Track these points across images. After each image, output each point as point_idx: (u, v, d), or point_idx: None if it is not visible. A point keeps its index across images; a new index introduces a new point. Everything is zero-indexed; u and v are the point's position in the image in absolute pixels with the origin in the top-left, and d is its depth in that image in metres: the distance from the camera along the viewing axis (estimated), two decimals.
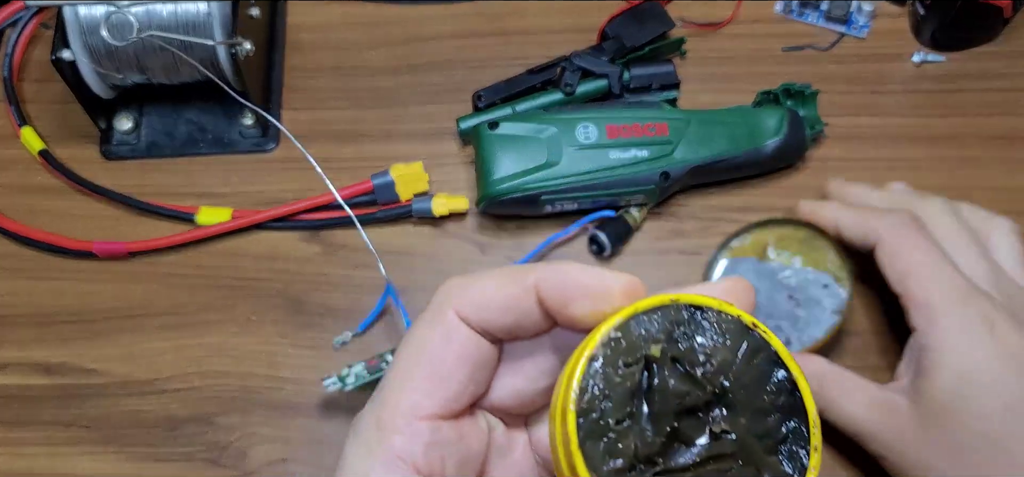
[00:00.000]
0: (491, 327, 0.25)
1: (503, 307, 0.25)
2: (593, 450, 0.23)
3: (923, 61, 0.59)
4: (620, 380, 0.23)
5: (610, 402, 0.23)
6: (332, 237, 0.54)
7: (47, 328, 0.51)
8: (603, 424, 0.23)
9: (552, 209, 0.52)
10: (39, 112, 0.58)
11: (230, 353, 0.50)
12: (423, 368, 0.25)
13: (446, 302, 0.25)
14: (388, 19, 0.62)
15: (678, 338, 0.24)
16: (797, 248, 0.51)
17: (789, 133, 0.53)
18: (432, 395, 0.25)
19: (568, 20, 0.61)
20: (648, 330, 0.24)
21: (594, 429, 0.23)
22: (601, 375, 0.23)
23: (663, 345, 0.24)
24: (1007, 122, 0.57)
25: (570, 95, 0.55)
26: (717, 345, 0.24)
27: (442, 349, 0.25)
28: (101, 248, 0.52)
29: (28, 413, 0.49)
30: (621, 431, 0.23)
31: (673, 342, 0.24)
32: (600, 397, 0.23)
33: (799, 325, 0.49)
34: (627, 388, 0.23)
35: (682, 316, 0.24)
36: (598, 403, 0.23)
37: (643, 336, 0.24)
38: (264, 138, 0.57)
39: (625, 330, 0.24)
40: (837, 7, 0.61)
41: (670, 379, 0.23)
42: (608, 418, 0.23)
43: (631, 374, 0.23)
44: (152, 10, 0.50)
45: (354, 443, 0.25)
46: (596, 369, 0.23)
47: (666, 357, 0.24)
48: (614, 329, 0.24)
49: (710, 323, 0.24)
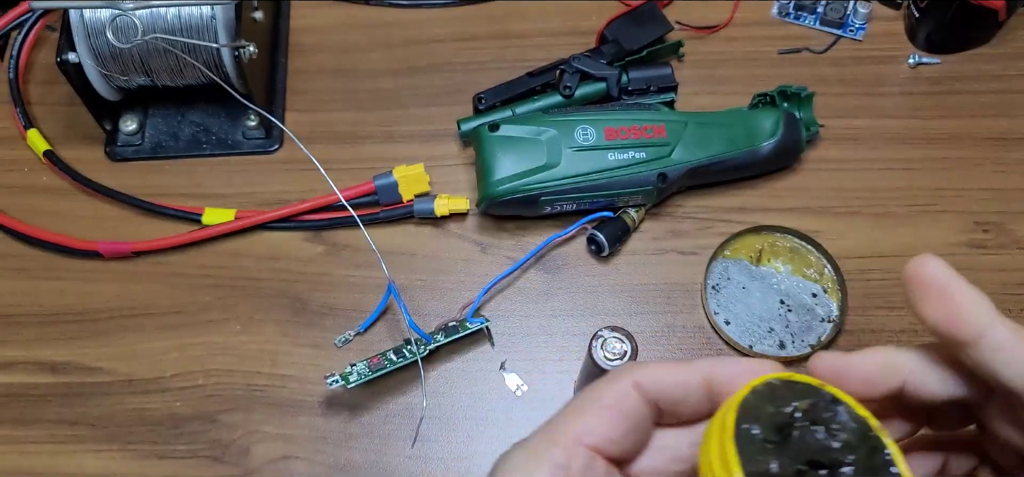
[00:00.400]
0: (660, 398, 0.29)
1: (676, 383, 0.29)
2: (743, 451, 0.27)
3: (918, 63, 0.60)
4: (771, 412, 0.28)
5: (759, 427, 0.27)
6: (334, 237, 0.54)
7: (52, 327, 0.52)
8: (751, 436, 0.27)
9: (551, 210, 0.52)
10: (44, 114, 0.59)
11: (233, 352, 0.51)
12: (595, 408, 0.29)
13: (628, 371, 0.29)
14: (389, 22, 0.63)
15: (820, 409, 0.28)
16: (787, 257, 0.52)
17: (785, 135, 0.53)
18: (597, 431, 0.29)
19: (567, 23, 0.62)
20: (796, 393, 0.28)
21: (744, 437, 0.27)
22: (756, 404, 0.28)
23: (812, 401, 0.28)
24: (1001, 123, 0.57)
25: (569, 97, 0.55)
26: (847, 429, 0.28)
27: (615, 400, 0.29)
28: (106, 248, 0.53)
29: (33, 411, 0.49)
30: (764, 450, 0.27)
31: (816, 409, 0.28)
32: (752, 418, 0.27)
33: (791, 329, 0.50)
34: (775, 422, 0.28)
35: (825, 397, 0.28)
36: (751, 421, 0.27)
37: (794, 394, 0.28)
38: (267, 140, 0.58)
39: (778, 384, 0.28)
40: (833, 10, 0.61)
41: (808, 433, 0.27)
42: (757, 436, 0.27)
43: (781, 413, 0.28)
44: (157, 13, 0.50)
45: (522, 453, 0.30)
46: (752, 399, 0.28)
47: (810, 414, 0.28)
48: (772, 379, 0.29)
49: (845, 412, 0.28)
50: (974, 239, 0.53)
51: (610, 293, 0.52)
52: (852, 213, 0.54)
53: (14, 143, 0.58)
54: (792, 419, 0.28)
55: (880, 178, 0.55)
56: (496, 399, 0.49)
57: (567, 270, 0.53)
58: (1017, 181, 0.55)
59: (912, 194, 0.55)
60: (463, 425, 0.48)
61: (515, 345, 0.51)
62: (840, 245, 0.52)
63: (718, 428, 0.28)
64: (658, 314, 0.51)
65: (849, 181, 0.55)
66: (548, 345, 0.51)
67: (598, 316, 0.51)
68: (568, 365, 0.50)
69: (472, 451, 0.48)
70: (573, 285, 0.52)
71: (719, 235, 0.53)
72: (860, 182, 0.55)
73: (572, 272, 0.53)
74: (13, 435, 0.48)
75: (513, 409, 0.49)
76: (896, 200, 0.54)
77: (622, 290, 0.52)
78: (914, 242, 0.53)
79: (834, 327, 0.49)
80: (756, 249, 0.53)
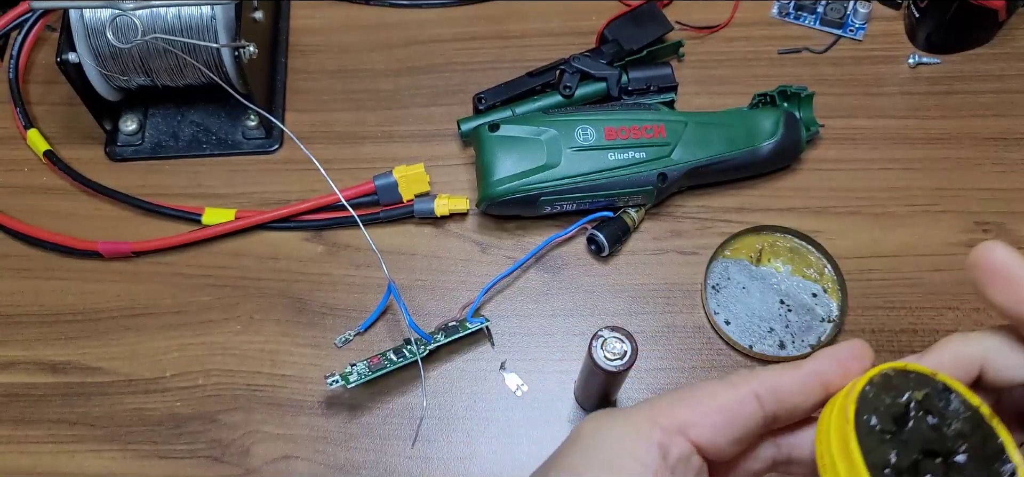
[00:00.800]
0: (779, 409, 0.29)
1: (795, 391, 0.30)
2: (863, 442, 0.28)
3: (918, 63, 0.60)
4: (888, 403, 0.29)
5: (876, 417, 0.29)
6: (334, 237, 0.54)
7: (52, 327, 0.52)
8: (870, 427, 0.29)
9: (551, 210, 0.52)
10: (45, 114, 0.59)
11: (233, 352, 0.51)
12: (709, 405, 0.29)
13: (749, 380, 0.29)
14: (389, 22, 0.63)
15: (934, 398, 0.29)
16: (787, 257, 0.52)
17: (785, 135, 0.53)
18: (704, 428, 0.29)
19: (567, 23, 0.62)
20: (911, 383, 0.30)
21: (864, 428, 0.28)
22: (874, 395, 0.29)
23: (926, 391, 0.29)
24: (1001, 123, 0.57)
25: (569, 97, 0.55)
26: (960, 417, 0.29)
27: (733, 406, 0.29)
28: (106, 248, 0.53)
29: (34, 411, 0.49)
30: (883, 440, 0.28)
31: (930, 399, 0.29)
32: (870, 409, 0.29)
33: (791, 329, 0.50)
34: (892, 412, 0.29)
35: (937, 386, 0.29)
36: (870, 412, 0.29)
37: (909, 384, 0.30)
38: (268, 140, 0.58)
39: (893, 374, 0.30)
40: (833, 10, 0.61)
41: (922, 423, 0.29)
42: (875, 427, 0.29)
43: (897, 403, 0.29)
44: (157, 13, 0.50)
45: (621, 423, 0.29)
46: (870, 389, 0.29)
47: (925, 404, 0.29)
48: (887, 369, 0.30)
49: (958, 400, 0.29)
50: (974, 239, 0.53)
51: (610, 293, 0.52)
52: (852, 213, 0.54)
53: (14, 143, 0.58)
54: (908, 409, 0.30)
55: (880, 178, 0.55)
56: (496, 399, 0.49)
57: (567, 270, 0.53)
58: (1017, 181, 0.55)
59: (912, 194, 0.55)
60: (463, 425, 0.48)
61: (515, 345, 0.51)
62: (840, 245, 0.52)
63: (838, 419, 0.29)
64: (658, 314, 0.51)
65: (849, 181, 0.55)
66: (548, 345, 0.51)
67: (598, 316, 0.51)
68: (568, 365, 0.50)
69: (472, 451, 0.48)
70: (573, 285, 0.52)
71: (719, 235, 0.53)
72: (860, 182, 0.55)
73: (572, 272, 0.53)
74: (14, 435, 0.48)
75: (513, 409, 0.49)
76: (896, 200, 0.55)
77: (622, 290, 0.52)
78: (914, 242, 0.53)
79: (834, 327, 0.50)
80: (756, 249, 0.53)
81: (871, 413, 0.29)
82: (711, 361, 0.50)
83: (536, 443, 0.48)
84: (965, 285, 0.51)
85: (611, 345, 0.40)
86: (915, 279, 0.52)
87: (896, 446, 0.29)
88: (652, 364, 0.50)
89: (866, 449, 0.28)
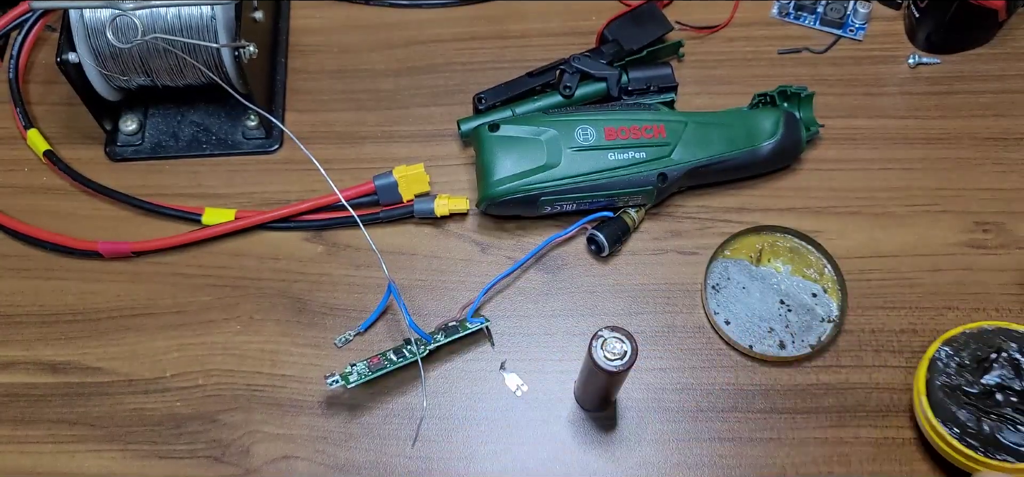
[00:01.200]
0: None
1: None
2: (934, 372, 0.44)
3: (918, 63, 0.60)
4: (974, 348, 0.44)
5: (957, 357, 0.44)
6: (334, 237, 0.54)
7: (52, 327, 0.52)
8: (947, 364, 0.44)
9: (551, 210, 0.52)
10: (44, 114, 0.59)
11: (233, 352, 0.51)
12: None
13: None
14: (389, 22, 0.63)
15: (1018, 349, 0.44)
16: (787, 257, 0.52)
17: (785, 135, 0.53)
18: None
19: (567, 23, 0.62)
20: (1007, 336, 0.45)
21: (941, 362, 0.44)
22: (963, 341, 0.45)
23: (1015, 346, 0.43)
24: (1001, 123, 0.57)
25: (569, 97, 0.55)
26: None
27: None
28: (106, 248, 0.53)
29: (34, 411, 0.49)
30: (961, 371, 0.44)
31: (1020, 352, 0.44)
32: (955, 349, 0.44)
33: (791, 329, 0.50)
34: (975, 355, 0.44)
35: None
36: (954, 351, 0.45)
37: (1001, 338, 0.44)
38: (268, 140, 0.58)
39: (991, 328, 0.45)
40: (833, 10, 0.61)
41: (1006, 367, 0.43)
42: (953, 363, 0.44)
43: (982, 348, 0.44)
44: (157, 13, 0.50)
45: None
46: (962, 336, 0.45)
47: (1008, 352, 0.44)
48: (986, 324, 0.45)
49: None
50: (974, 239, 0.53)
51: (610, 293, 0.52)
52: (852, 213, 0.54)
53: (14, 143, 0.58)
54: (995, 355, 0.43)
55: (880, 178, 0.55)
56: (496, 399, 0.49)
57: (567, 270, 0.53)
58: (1017, 181, 0.55)
59: (912, 194, 0.55)
60: (463, 425, 0.48)
61: (515, 345, 0.51)
62: (840, 245, 0.52)
63: (923, 357, 0.45)
64: (658, 314, 0.51)
65: (849, 181, 0.55)
66: (548, 345, 0.51)
67: (598, 316, 0.51)
68: (568, 365, 0.50)
69: (472, 451, 0.48)
70: (573, 285, 0.52)
71: (719, 235, 0.53)
72: (860, 182, 0.55)
73: (572, 272, 0.53)
74: (14, 435, 0.48)
75: (513, 409, 0.49)
76: (896, 200, 0.55)
77: (622, 290, 0.52)
78: (914, 242, 0.53)
79: (834, 327, 0.50)
80: (756, 249, 0.53)
81: (955, 353, 0.44)
82: (711, 361, 0.50)
83: (536, 443, 0.48)
84: (965, 285, 0.51)
85: (611, 345, 0.40)
86: (915, 279, 0.52)
87: (968, 379, 0.43)
88: (652, 364, 0.50)
89: (933, 375, 0.44)
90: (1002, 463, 0.42)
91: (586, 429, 0.48)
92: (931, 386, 0.44)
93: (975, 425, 0.43)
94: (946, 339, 0.45)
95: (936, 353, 0.45)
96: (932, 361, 0.45)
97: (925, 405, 0.44)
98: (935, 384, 0.44)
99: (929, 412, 0.43)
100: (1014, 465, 0.42)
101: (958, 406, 0.43)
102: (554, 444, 0.48)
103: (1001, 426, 0.43)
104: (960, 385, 0.44)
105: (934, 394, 0.44)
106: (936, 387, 0.44)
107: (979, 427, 0.43)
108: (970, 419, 0.43)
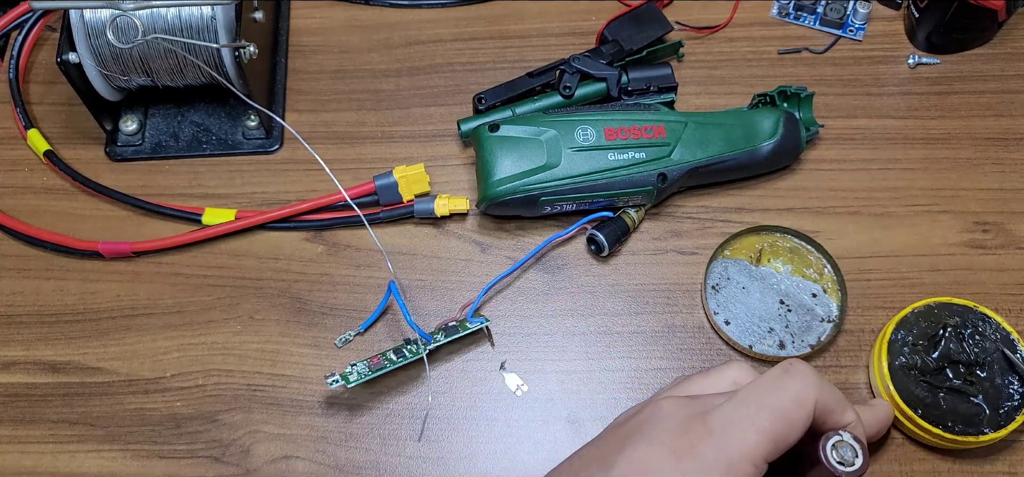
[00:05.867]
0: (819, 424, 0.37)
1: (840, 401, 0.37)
2: (892, 351, 0.46)
3: (918, 63, 0.60)
4: (925, 326, 0.46)
5: (911, 336, 0.46)
6: (335, 237, 0.54)
7: (52, 327, 0.52)
8: (904, 342, 0.46)
9: (551, 210, 0.52)
10: (45, 114, 0.59)
11: (234, 352, 0.51)
12: (774, 425, 0.35)
13: (808, 388, 0.36)
14: (390, 22, 0.63)
15: (967, 324, 0.46)
16: (787, 257, 0.52)
17: (785, 135, 0.53)
18: (765, 447, 0.35)
19: (567, 23, 0.62)
20: (952, 312, 0.46)
21: (899, 342, 0.46)
22: (913, 321, 0.46)
23: (957, 320, 0.46)
24: (1001, 123, 0.57)
25: (569, 98, 0.55)
26: (989, 339, 0.46)
27: (793, 413, 0.35)
28: (107, 248, 0.53)
29: (34, 411, 0.49)
30: (916, 350, 0.46)
31: (962, 325, 0.46)
32: (907, 329, 0.46)
33: (791, 329, 0.50)
34: (927, 333, 0.46)
35: (975, 314, 0.46)
36: (907, 331, 0.46)
37: (945, 314, 0.46)
38: (268, 140, 0.58)
39: (936, 306, 0.47)
40: (833, 10, 0.61)
41: (952, 342, 0.45)
42: (908, 342, 0.46)
43: (932, 326, 0.46)
44: (157, 13, 0.50)
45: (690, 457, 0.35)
46: (911, 316, 0.46)
47: (959, 328, 0.46)
48: (932, 302, 0.47)
49: (992, 327, 0.46)
50: (974, 239, 0.53)
51: (610, 293, 0.52)
52: (852, 213, 0.54)
53: (14, 143, 0.58)
54: (941, 331, 0.45)
55: (879, 178, 0.55)
56: (496, 399, 0.49)
57: (567, 270, 0.53)
58: (1017, 181, 0.55)
59: (911, 194, 0.55)
60: (463, 425, 0.48)
61: (515, 345, 0.51)
62: (840, 245, 0.52)
63: (879, 339, 0.47)
64: (658, 314, 0.51)
65: (848, 181, 0.55)
66: (548, 345, 0.51)
67: (598, 316, 0.51)
68: (568, 365, 0.50)
69: (472, 451, 0.48)
70: (573, 285, 0.52)
71: (719, 235, 0.53)
72: (859, 182, 0.55)
73: (572, 272, 0.53)
74: (14, 435, 0.49)
75: (513, 409, 0.49)
76: (895, 200, 0.55)
77: (622, 290, 0.52)
78: (914, 242, 0.53)
79: (834, 327, 0.50)
80: (756, 249, 0.53)
81: (908, 332, 0.46)
82: (711, 361, 0.50)
83: (536, 443, 0.48)
84: (965, 285, 0.51)
85: (844, 451, 0.37)
86: (915, 279, 0.52)
87: (924, 356, 0.45)
88: (652, 364, 0.50)
89: (893, 355, 0.45)
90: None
91: (586, 429, 0.48)
92: (892, 368, 0.45)
93: (933, 400, 0.45)
94: (899, 320, 0.47)
95: (892, 335, 0.46)
96: (890, 344, 0.46)
97: (893, 391, 0.45)
98: (895, 366, 0.46)
99: (896, 396, 0.45)
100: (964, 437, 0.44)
101: (915, 385, 0.45)
102: (554, 444, 0.48)
103: (954, 400, 0.45)
104: (915, 364, 0.45)
105: (896, 377, 0.45)
106: (896, 369, 0.46)
107: (937, 402, 0.45)
108: (928, 396, 0.45)
